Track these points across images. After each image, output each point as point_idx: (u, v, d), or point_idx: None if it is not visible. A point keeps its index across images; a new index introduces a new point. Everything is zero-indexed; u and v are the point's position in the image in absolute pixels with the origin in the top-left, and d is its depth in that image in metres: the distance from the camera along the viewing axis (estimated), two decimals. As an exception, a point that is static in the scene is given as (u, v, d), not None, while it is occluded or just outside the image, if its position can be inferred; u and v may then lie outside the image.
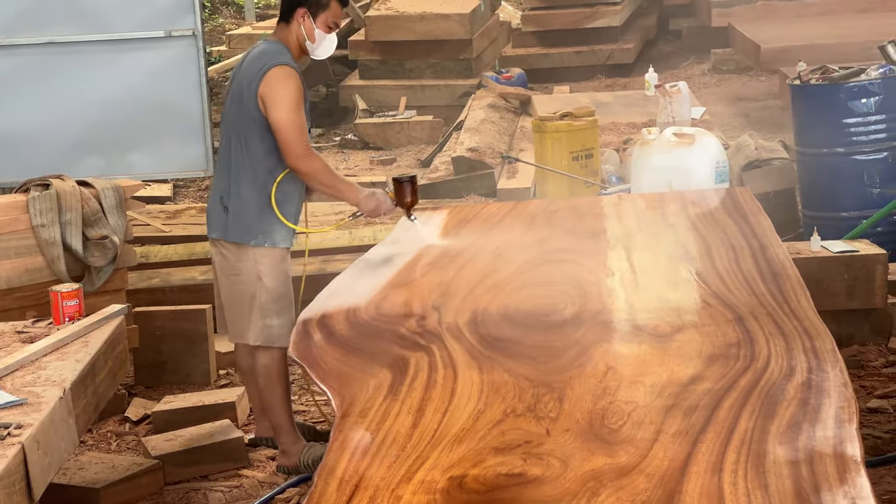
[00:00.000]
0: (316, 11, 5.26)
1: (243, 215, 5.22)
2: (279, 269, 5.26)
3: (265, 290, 5.23)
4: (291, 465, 5.31)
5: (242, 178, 5.22)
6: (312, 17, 5.25)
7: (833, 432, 3.08)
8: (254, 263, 5.23)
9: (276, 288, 5.25)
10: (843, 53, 10.63)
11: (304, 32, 5.26)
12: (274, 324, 5.25)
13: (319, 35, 5.28)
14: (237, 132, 5.24)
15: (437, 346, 3.89)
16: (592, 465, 3.02)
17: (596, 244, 5.04)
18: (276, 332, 5.25)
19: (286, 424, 5.33)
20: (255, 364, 5.34)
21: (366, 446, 3.21)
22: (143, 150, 8.19)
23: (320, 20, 5.27)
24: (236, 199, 5.23)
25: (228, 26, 16.62)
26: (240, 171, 5.22)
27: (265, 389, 5.33)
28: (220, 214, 5.27)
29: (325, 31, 5.29)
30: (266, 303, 5.23)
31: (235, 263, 5.27)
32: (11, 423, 3.68)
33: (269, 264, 5.23)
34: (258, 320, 5.25)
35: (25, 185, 6.00)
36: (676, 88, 8.74)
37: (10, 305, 5.74)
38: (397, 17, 12.58)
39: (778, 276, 4.38)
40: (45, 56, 8.01)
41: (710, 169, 6.87)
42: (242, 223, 5.22)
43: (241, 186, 5.22)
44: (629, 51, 14.06)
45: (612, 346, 3.84)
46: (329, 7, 5.27)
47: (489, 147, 9.99)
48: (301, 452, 5.30)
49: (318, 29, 5.27)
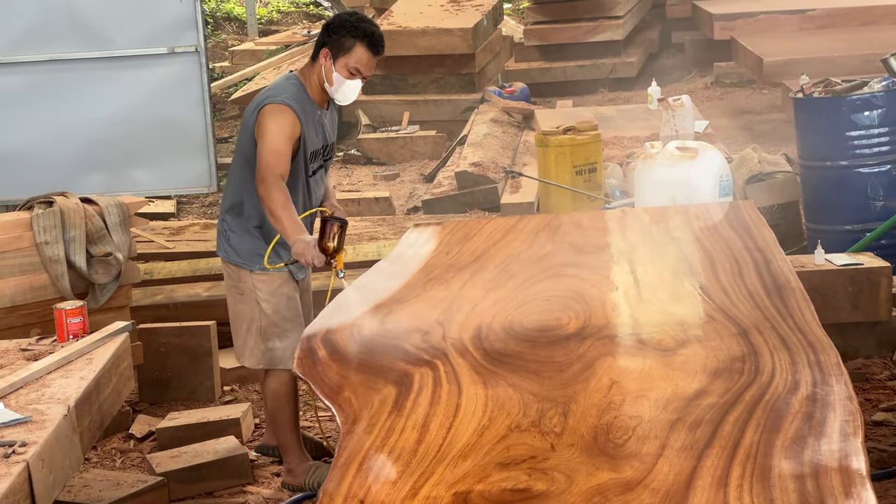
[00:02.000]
0: (337, 54, 5.10)
1: (242, 242, 5.26)
2: (279, 294, 5.26)
3: (264, 315, 5.25)
4: (297, 485, 5.31)
5: (244, 204, 5.26)
6: (333, 58, 5.10)
7: (838, 446, 3.07)
8: (252, 288, 5.24)
9: (277, 311, 5.26)
10: (845, 66, 10.65)
11: (323, 74, 5.13)
12: (277, 346, 5.26)
13: (338, 79, 5.11)
14: (239, 160, 5.29)
15: (441, 362, 3.89)
16: (597, 479, 3.01)
17: (600, 258, 5.04)
18: (280, 354, 5.26)
19: (294, 445, 5.34)
20: (264, 387, 5.36)
21: (370, 462, 3.21)
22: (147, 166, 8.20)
23: (340, 63, 5.09)
24: (237, 223, 5.26)
25: (231, 42, 16.64)
26: (241, 198, 5.27)
27: (274, 411, 5.35)
28: (224, 237, 5.30)
29: (345, 76, 5.10)
30: (266, 326, 5.25)
31: (238, 284, 5.30)
32: (16, 441, 3.68)
33: (267, 290, 5.24)
34: (259, 344, 5.26)
35: (29, 203, 6.01)
36: (679, 102, 8.75)
37: (14, 323, 5.74)
38: (400, 32, 12.60)
39: (782, 289, 4.38)
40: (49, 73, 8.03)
41: (714, 182, 6.87)
42: (242, 250, 5.25)
43: (241, 213, 5.27)
44: (632, 64, 14.08)
45: (617, 360, 3.84)
46: (352, 52, 5.08)
47: (492, 162, 10.00)
48: (307, 473, 5.30)
49: (336, 72, 5.10)
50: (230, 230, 5.28)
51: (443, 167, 10.74)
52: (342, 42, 5.08)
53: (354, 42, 5.07)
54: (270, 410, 5.38)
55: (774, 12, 13.33)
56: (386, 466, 3.17)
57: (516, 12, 17.33)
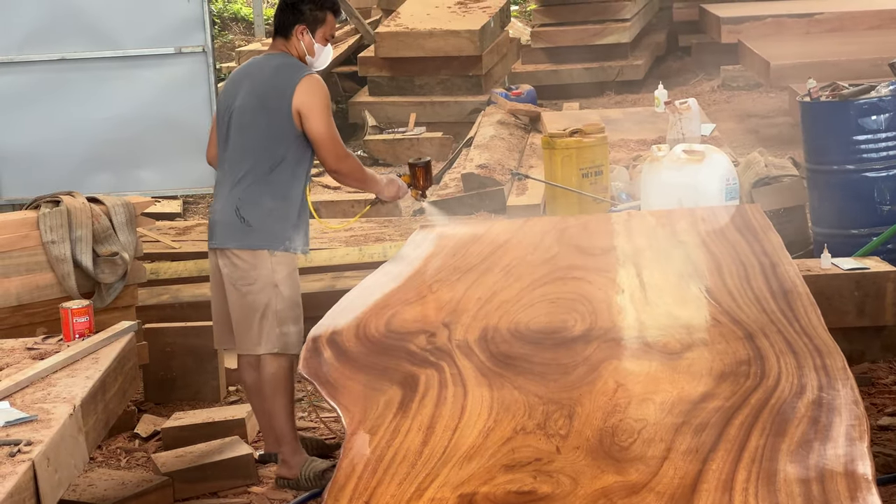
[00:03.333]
0: (314, 28, 5.41)
1: (266, 223, 5.24)
2: (293, 277, 5.32)
3: (281, 298, 5.26)
4: (292, 477, 5.31)
5: (268, 188, 5.25)
6: (311, 32, 5.40)
7: (844, 450, 3.07)
8: (270, 272, 5.24)
9: (292, 296, 5.30)
10: (853, 70, 10.63)
11: (303, 48, 5.40)
12: (291, 331, 5.29)
13: (318, 48, 5.44)
14: (264, 144, 5.27)
15: (447, 363, 3.89)
16: (602, 482, 3.01)
17: (606, 261, 5.04)
18: (293, 339, 5.30)
19: (289, 434, 5.34)
20: (262, 372, 5.34)
21: (376, 464, 3.21)
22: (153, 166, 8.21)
23: (319, 35, 5.43)
24: (257, 208, 5.24)
25: (238, 43, 16.65)
26: (264, 182, 5.25)
27: (270, 397, 5.34)
28: (235, 224, 5.26)
29: (323, 43, 5.46)
30: (283, 310, 5.26)
31: (249, 272, 5.26)
32: (21, 440, 3.69)
33: (284, 272, 5.26)
34: (274, 328, 5.26)
35: (36, 202, 6.01)
36: (686, 105, 8.74)
37: (20, 322, 5.74)
38: (407, 34, 12.60)
39: (788, 293, 4.38)
40: (57, 73, 8.04)
41: (720, 186, 6.86)
42: (265, 231, 5.23)
43: (267, 196, 5.25)
44: (639, 67, 14.07)
45: (622, 363, 3.84)
46: (325, 21, 5.43)
47: (499, 164, 9.99)
48: (302, 465, 5.31)
49: (317, 43, 5.43)
50: (249, 215, 5.24)
51: (449, 169, 10.73)
52: (315, 16, 5.42)
53: (325, 13, 5.44)
54: (267, 397, 5.36)
55: (782, 16, 13.32)
56: (391, 468, 3.17)
57: (523, 14, 17.33)
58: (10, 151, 8.03)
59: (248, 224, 5.24)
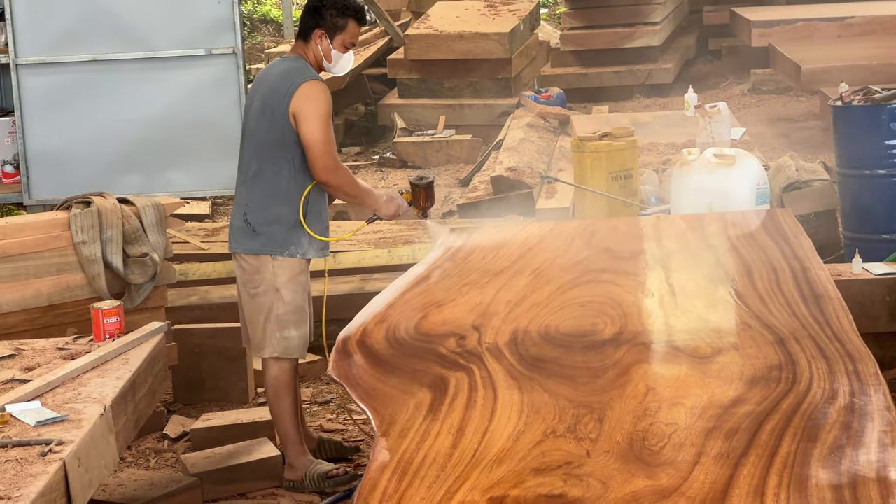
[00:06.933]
0: (333, 34, 5.35)
1: (270, 228, 5.27)
2: (297, 281, 5.32)
3: (283, 303, 5.29)
4: (297, 480, 5.34)
5: (271, 193, 5.27)
6: (329, 38, 5.34)
7: (876, 456, 3.05)
8: (272, 276, 5.28)
9: (294, 300, 5.32)
10: (885, 74, 10.58)
11: (320, 52, 5.35)
12: (293, 335, 5.32)
13: (336, 55, 5.38)
14: (266, 149, 5.29)
15: (477, 366, 3.89)
16: (633, 486, 3.01)
17: (635, 265, 5.03)
18: (295, 343, 5.34)
19: (293, 437, 5.37)
20: (265, 376, 5.39)
21: (405, 467, 3.21)
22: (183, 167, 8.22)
23: (337, 41, 5.36)
24: (262, 214, 5.27)
25: (267, 44, 16.70)
26: (268, 187, 5.28)
27: (273, 401, 5.38)
28: (243, 229, 5.32)
29: (342, 50, 5.38)
30: (284, 315, 5.29)
31: (253, 276, 5.32)
32: (53, 440, 3.70)
33: (286, 276, 5.28)
34: (275, 332, 5.30)
35: (67, 203, 6.04)
36: (716, 109, 8.71)
37: (51, 322, 5.77)
38: (436, 36, 12.60)
39: (820, 298, 4.36)
40: (88, 74, 8.06)
41: (751, 190, 6.84)
42: (268, 236, 5.27)
43: (270, 201, 5.28)
44: (668, 70, 14.04)
45: (652, 367, 3.83)
46: (346, 29, 5.35)
47: (528, 166, 9.98)
48: (307, 467, 5.32)
49: (334, 49, 5.36)
50: (254, 219, 5.28)
51: (478, 171, 10.73)
52: (336, 22, 5.34)
53: (347, 20, 5.35)
54: (270, 400, 5.41)
55: (813, 20, 13.26)
56: (421, 471, 3.17)
57: (553, 17, 17.32)
58: (40, 152, 8.06)
59: (253, 228, 5.29)
